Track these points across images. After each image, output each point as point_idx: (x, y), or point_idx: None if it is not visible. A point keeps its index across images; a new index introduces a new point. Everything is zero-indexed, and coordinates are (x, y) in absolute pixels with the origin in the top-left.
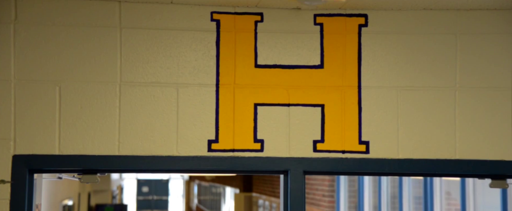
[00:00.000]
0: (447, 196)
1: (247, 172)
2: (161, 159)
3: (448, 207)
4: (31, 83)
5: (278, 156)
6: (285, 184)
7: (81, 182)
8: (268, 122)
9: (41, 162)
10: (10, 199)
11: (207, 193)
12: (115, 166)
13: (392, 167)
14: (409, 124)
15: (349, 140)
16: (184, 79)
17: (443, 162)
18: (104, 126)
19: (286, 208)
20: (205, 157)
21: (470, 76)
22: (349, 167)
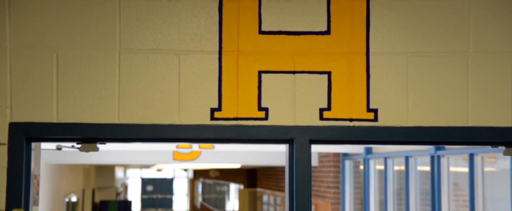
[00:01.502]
0: (455, 187)
1: (251, 141)
2: (162, 128)
3: (456, 198)
4: (27, 50)
5: (283, 125)
6: (291, 153)
7: (80, 150)
8: (272, 90)
9: (39, 130)
10: (7, 167)
11: (211, 191)
12: (115, 135)
13: (401, 135)
14: (419, 91)
15: (356, 108)
16: (186, 46)
17: (455, 130)
18: (103, 94)
19: (291, 179)
20: (207, 125)
21: (483, 40)
22: (356, 135)
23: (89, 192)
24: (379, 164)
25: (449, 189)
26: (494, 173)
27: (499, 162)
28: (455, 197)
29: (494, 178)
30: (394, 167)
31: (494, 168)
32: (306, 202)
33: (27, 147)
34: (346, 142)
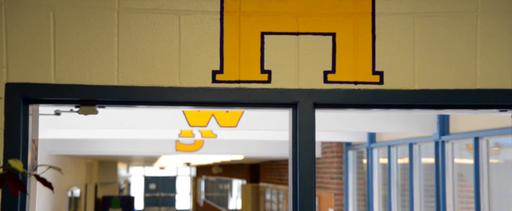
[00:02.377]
0: (460, 178)
1: (253, 106)
2: (162, 90)
3: (460, 189)
4: (22, 8)
5: (287, 88)
6: (294, 118)
7: (79, 113)
8: (275, 52)
9: (36, 91)
10: (4, 129)
11: (214, 189)
12: (114, 97)
13: (407, 98)
14: (426, 52)
15: (361, 70)
16: (186, 6)
17: (463, 93)
18: (102, 55)
19: (295, 145)
20: (209, 88)
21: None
22: (361, 99)
23: (92, 187)
24: (382, 154)
25: (454, 176)
26: (499, 164)
27: (503, 152)
28: (460, 188)
29: (499, 169)
30: (398, 160)
31: (498, 160)
32: (310, 169)
33: (24, 109)
34: (351, 106)
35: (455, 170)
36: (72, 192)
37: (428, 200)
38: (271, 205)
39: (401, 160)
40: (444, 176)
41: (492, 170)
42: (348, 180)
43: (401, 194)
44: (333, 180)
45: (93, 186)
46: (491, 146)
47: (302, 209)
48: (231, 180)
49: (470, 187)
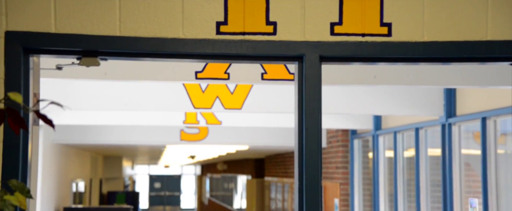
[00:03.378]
0: (467, 167)
1: (258, 58)
2: (165, 42)
3: (467, 178)
4: None
5: (292, 40)
6: (300, 71)
7: (80, 64)
8: (281, 2)
9: (37, 40)
10: (4, 79)
11: (219, 187)
12: (117, 48)
13: (416, 51)
14: (435, 3)
15: (369, 21)
16: None
17: (474, 44)
18: (103, 3)
19: (301, 99)
20: (213, 40)
21: None
22: (369, 51)
23: (97, 182)
24: (388, 141)
25: (461, 162)
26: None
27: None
28: (466, 177)
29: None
30: (404, 147)
31: (504, 150)
32: (316, 125)
33: (25, 59)
34: (358, 60)
35: (462, 158)
36: (77, 185)
37: (434, 190)
38: (276, 199)
39: (408, 152)
40: (451, 164)
41: (500, 158)
42: (354, 169)
43: (407, 184)
44: (338, 170)
45: (98, 181)
46: (499, 136)
47: (308, 170)
48: (236, 177)
49: (476, 176)
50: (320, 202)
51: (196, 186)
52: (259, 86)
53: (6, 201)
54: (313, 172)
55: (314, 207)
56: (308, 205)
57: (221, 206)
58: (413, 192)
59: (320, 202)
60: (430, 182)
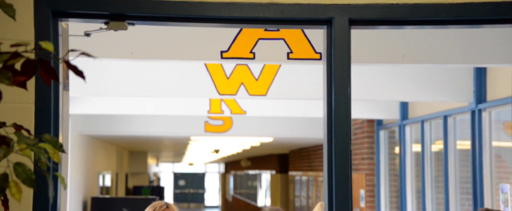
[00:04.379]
0: (497, 158)
1: (285, 22)
2: (192, 5)
3: (498, 170)
4: None
5: (321, 3)
6: (328, 37)
7: (108, 29)
8: None
9: (65, 3)
10: (34, 40)
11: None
12: (144, 12)
13: (448, 12)
14: None
15: None
16: None
17: (509, 5)
18: None
19: (329, 67)
20: (240, 3)
21: None
22: (400, 14)
23: (122, 176)
24: (415, 131)
25: (491, 149)
26: None
27: None
28: (497, 169)
29: None
30: (432, 137)
31: None
32: (345, 92)
33: (54, 23)
34: (388, 23)
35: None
36: (103, 178)
37: (463, 181)
38: (300, 192)
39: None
40: (481, 151)
41: None
42: (380, 160)
43: (435, 174)
44: (364, 161)
45: (123, 175)
46: None
47: (337, 138)
48: (260, 173)
49: (506, 168)
50: (350, 194)
51: (220, 183)
52: (283, 72)
53: (41, 149)
54: (343, 159)
55: (344, 199)
56: (337, 197)
57: (245, 203)
58: (442, 184)
59: (350, 194)
60: (459, 172)
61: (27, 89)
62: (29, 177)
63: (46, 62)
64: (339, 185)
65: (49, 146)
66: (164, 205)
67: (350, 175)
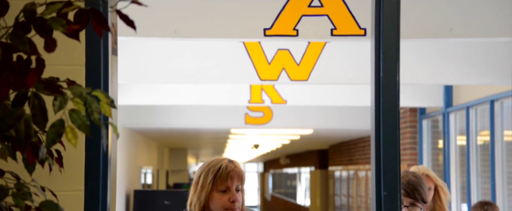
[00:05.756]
0: None
1: None
2: None
3: None
4: None
5: None
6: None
7: None
8: None
9: None
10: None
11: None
12: None
13: None
14: None
15: None
16: None
17: None
18: None
19: (378, 39)
20: None
21: None
22: None
23: (163, 173)
24: (460, 119)
25: None
26: None
27: None
28: None
29: None
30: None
31: None
32: (394, 67)
33: None
34: None
35: None
36: (145, 175)
37: (511, 171)
38: (340, 187)
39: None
40: None
41: None
42: (422, 150)
43: (481, 164)
44: (406, 151)
45: (164, 172)
46: None
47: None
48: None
49: None
50: (398, 185)
51: (259, 183)
52: (325, 57)
53: (93, 106)
54: (391, 150)
55: (392, 189)
56: (386, 188)
57: (284, 201)
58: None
59: (399, 185)
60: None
61: (80, 40)
62: (84, 123)
63: (97, 11)
64: (388, 175)
65: (102, 95)
66: (226, 160)
67: (399, 161)
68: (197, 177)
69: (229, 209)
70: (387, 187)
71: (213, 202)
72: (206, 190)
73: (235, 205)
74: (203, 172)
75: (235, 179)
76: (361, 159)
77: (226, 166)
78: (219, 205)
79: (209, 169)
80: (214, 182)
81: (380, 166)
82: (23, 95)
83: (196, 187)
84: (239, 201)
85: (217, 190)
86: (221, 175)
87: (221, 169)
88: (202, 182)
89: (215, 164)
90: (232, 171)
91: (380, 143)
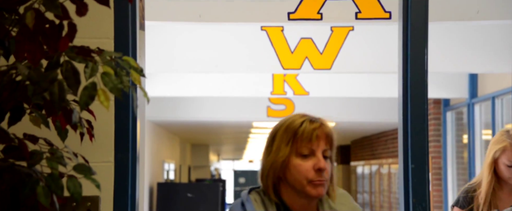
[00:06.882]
0: None
1: None
2: None
3: None
4: None
5: None
6: None
7: None
8: None
9: None
10: None
11: None
12: None
13: None
14: None
15: None
16: None
17: None
18: None
19: (405, 22)
20: None
21: None
22: None
23: (185, 169)
24: (485, 110)
25: None
26: None
27: None
28: None
29: None
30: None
31: None
32: (421, 51)
33: None
34: None
35: None
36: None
37: None
38: (363, 182)
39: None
40: None
41: None
42: (447, 142)
43: None
44: (430, 144)
45: (186, 167)
46: None
47: None
48: None
49: None
50: (427, 178)
51: None
52: (348, 45)
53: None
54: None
55: (421, 183)
56: (414, 181)
57: None
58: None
59: (427, 178)
60: None
61: (109, 7)
62: (116, 86)
63: None
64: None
65: (132, 61)
66: (310, 116)
67: (427, 151)
68: (270, 138)
69: (313, 181)
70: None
71: (291, 172)
72: (283, 154)
73: (322, 175)
74: (279, 131)
75: (322, 140)
76: (384, 153)
77: (311, 122)
78: (300, 175)
79: (287, 125)
80: (294, 143)
81: (408, 158)
82: (56, 60)
83: (268, 152)
84: (327, 170)
85: (297, 154)
86: (304, 133)
87: (303, 125)
88: (277, 144)
89: (294, 119)
90: (318, 129)
91: (408, 131)
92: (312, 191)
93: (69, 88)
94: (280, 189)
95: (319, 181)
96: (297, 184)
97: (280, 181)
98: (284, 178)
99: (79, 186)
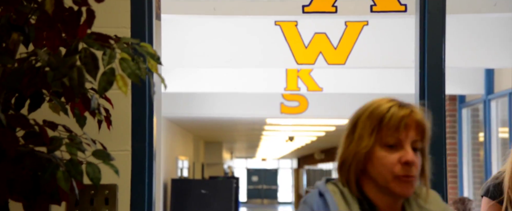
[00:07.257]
0: None
1: None
2: None
3: None
4: None
5: None
6: None
7: None
8: None
9: None
10: None
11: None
12: None
13: None
14: None
15: None
16: None
17: None
18: None
19: (422, 13)
20: None
21: None
22: None
23: (199, 165)
24: (502, 107)
25: None
26: None
27: None
28: None
29: None
30: None
31: None
32: (439, 43)
33: None
34: None
35: None
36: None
37: None
38: None
39: None
40: None
41: None
42: (462, 139)
43: None
44: None
45: (200, 165)
46: None
47: None
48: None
49: None
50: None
51: (293, 179)
52: (362, 40)
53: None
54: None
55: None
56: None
57: None
58: None
59: (445, 171)
60: None
61: None
62: (134, 71)
63: None
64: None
65: (149, 47)
66: (397, 101)
67: (445, 144)
68: (352, 124)
69: (400, 176)
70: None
71: (374, 165)
72: (366, 144)
73: (410, 169)
74: (362, 116)
75: (411, 129)
76: None
77: (400, 107)
78: (384, 168)
79: (372, 111)
80: (379, 131)
81: None
82: (74, 47)
83: (349, 141)
84: (416, 164)
85: (381, 145)
86: (391, 121)
87: (390, 111)
88: (359, 132)
89: (381, 104)
90: (407, 117)
91: None
92: (397, 188)
93: (88, 73)
94: (363, 184)
95: (406, 177)
96: (380, 178)
97: (362, 174)
98: (367, 171)
99: (98, 172)
